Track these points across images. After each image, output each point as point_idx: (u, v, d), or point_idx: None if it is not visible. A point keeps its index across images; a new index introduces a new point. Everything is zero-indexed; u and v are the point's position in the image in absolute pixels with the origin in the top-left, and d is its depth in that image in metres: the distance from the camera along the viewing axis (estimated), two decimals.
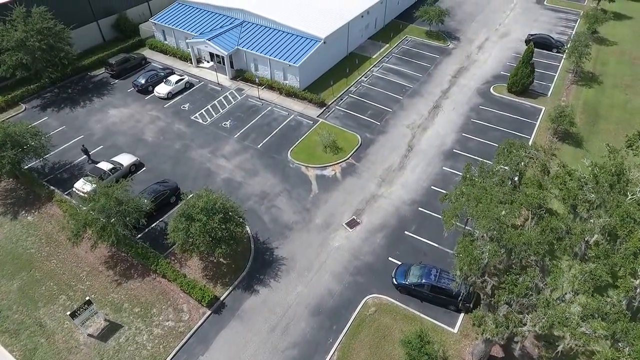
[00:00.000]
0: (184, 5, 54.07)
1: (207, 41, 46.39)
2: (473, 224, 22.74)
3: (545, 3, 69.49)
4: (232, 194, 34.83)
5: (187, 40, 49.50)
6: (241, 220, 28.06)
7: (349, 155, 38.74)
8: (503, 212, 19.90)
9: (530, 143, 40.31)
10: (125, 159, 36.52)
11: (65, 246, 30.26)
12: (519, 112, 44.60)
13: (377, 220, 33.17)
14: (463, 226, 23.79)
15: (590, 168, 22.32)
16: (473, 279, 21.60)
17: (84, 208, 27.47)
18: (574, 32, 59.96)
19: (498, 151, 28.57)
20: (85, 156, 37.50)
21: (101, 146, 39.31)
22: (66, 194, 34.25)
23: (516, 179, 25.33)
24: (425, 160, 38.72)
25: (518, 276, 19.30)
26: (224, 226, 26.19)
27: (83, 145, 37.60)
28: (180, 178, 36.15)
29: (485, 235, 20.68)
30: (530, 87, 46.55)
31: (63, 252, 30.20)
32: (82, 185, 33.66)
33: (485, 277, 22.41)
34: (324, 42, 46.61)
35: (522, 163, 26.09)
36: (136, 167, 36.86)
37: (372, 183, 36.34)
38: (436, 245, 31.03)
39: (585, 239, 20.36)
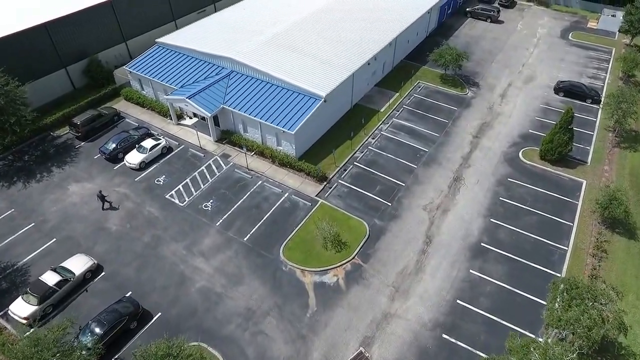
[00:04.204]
0: (164, 50, 47.10)
1: (187, 99, 39.37)
2: None
3: (570, 38, 62.43)
4: (209, 312, 28.02)
5: (166, 97, 42.47)
6: None
7: (354, 253, 31.73)
8: None
9: (572, 237, 33.25)
10: (79, 264, 29.52)
11: None
12: (556, 188, 37.49)
13: (390, 356, 26.11)
14: None
15: None
16: None
17: None
18: (607, 77, 53.07)
19: (553, 293, 21.57)
20: (102, 203, 34.70)
21: (54, 239, 32.39)
22: (1, 315, 27.40)
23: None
24: (448, 259, 31.71)
25: None
26: None
27: (100, 192, 34.59)
28: (146, 288, 29.25)
29: None
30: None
31: None
32: (20, 308, 26.78)
33: None
34: (325, 101, 39.66)
35: (592, 324, 18.95)
36: (92, 272, 29.93)
37: (383, 295, 29.32)
38: None
39: None
